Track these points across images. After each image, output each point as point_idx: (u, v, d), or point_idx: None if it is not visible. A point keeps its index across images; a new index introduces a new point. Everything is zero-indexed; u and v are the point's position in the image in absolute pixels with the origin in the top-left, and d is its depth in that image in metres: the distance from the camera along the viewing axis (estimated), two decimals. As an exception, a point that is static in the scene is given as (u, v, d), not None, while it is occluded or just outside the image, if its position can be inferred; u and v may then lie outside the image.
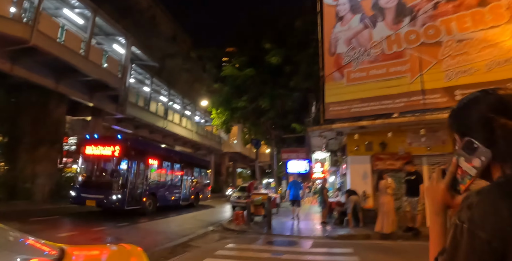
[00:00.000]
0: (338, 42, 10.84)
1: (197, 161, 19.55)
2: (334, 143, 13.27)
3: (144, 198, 12.50)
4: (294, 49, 15.22)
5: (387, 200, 8.30)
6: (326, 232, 8.91)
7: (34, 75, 14.18)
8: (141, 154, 12.55)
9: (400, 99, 9.44)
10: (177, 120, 29.71)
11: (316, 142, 13.37)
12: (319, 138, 12.01)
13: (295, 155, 17.26)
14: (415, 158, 9.75)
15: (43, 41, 12.34)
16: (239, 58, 16.10)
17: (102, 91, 17.40)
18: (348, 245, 7.32)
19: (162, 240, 7.90)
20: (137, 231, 9.34)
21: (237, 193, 17.25)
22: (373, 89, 9.84)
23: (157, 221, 11.66)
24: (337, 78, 10.59)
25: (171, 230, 9.68)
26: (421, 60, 9.37)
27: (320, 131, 10.50)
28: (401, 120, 9.08)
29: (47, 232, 7.83)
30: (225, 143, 43.00)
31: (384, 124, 9.33)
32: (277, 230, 9.40)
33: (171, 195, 15.16)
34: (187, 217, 13.07)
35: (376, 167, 10.38)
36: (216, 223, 11.34)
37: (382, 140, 10.34)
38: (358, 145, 10.59)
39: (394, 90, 9.55)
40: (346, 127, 9.83)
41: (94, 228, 9.15)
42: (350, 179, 10.81)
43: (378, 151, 10.46)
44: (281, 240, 8.17)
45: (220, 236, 8.63)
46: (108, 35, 18.29)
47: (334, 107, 10.39)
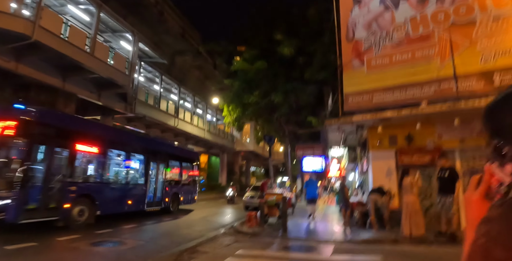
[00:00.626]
0: (357, 27, 9.91)
1: (176, 152, 15.00)
2: (353, 138, 12.35)
3: (67, 204, 8.36)
4: (307, 40, 14.33)
5: (412, 200, 7.36)
6: (348, 236, 8.03)
7: (40, 73, 13.80)
8: (60, 135, 8.44)
9: (429, 87, 8.45)
10: (188, 119, 29.22)
11: (333, 137, 12.46)
12: (337, 132, 11.12)
13: (310, 151, 16.35)
14: (446, 152, 8.75)
15: (46, 37, 11.88)
16: (250, 51, 15.29)
17: (110, 89, 16.94)
18: (374, 252, 6.45)
19: (168, 244, 7.23)
20: (142, 233, 8.71)
21: (250, 192, 16.52)
22: (397, 76, 8.88)
23: (165, 222, 11.05)
24: (356, 66, 9.67)
25: (179, 233, 9.01)
26: (452, 42, 8.35)
27: (339, 125, 9.61)
28: (430, 110, 8.09)
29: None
30: (237, 141, 42.38)
31: (411, 115, 8.36)
32: (293, 233, 8.59)
33: (126, 198, 10.87)
34: (197, 219, 12.41)
35: (402, 163, 9.43)
36: (228, 225, 10.63)
37: (408, 132, 9.38)
38: (380, 139, 9.66)
39: (421, 77, 8.56)
40: (368, 119, 8.90)
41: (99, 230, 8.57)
42: (372, 177, 9.87)
43: (404, 145, 9.50)
44: (298, 245, 7.36)
45: (231, 240, 7.89)
46: (115, 32, 17.82)
47: (353, 98, 9.48)
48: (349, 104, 9.51)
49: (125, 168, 11.40)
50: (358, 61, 9.64)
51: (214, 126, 36.43)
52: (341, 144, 14.24)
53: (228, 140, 39.81)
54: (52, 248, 6.65)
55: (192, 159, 16.18)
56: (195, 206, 16.31)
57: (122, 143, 11.28)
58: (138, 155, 11.89)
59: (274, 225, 10.01)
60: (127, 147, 11.35)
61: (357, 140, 12.52)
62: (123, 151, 11.20)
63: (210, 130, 34.26)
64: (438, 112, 8.20)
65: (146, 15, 21.82)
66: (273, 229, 9.18)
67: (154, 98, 24.21)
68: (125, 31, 17.49)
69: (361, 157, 12.03)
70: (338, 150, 17.70)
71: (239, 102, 16.49)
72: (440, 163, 7.52)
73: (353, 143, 13.51)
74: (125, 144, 11.35)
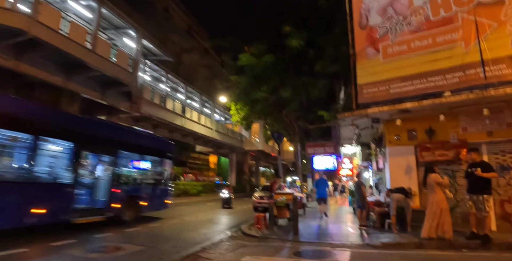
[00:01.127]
0: (370, 13, 9.18)
1: (134, 140, 10.64)
2: (367, 134, 11.58)
3: None
4: (317, 31, 13.60)
5: (438, 199, 6.59)
6: (366, 239, 7.30)
7: (42, 72, 13.45)
8: None
9: (453, 74, 7.66)
10: (196, 118, 28.78)
11: (346, 133, 11.72)
12: (350, 127, 10.37)
13: (321, 149, 15.60)
14: (472, 146, 7.95)
15: (44, 33, 11.50)
16: (258, 46, 14.62)
17: (113, 87, 16.54)
18: (397, 258, 5.73)
19: (169, 249, 6.65)
20: (144, 237, 8.13)
21: (260, 193, 15.88)
22: (416, 64, 8.12)
23: (170, 224, 10.49)
24: (371, 54, 8.92)
25: (183, 236, 8.42)
26: (478, 25, 7.54)
27: (353, 118, 8.88)
28: (456, 99, 7.31)
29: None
30: (246, 141, 41.81)
31: (434, 105, 7.60)
32: (305, 236, 7.90)
33: (27, 204, 7.23)
34: (203, 220, 11.82)
35: (422, 159, 8.66)
36: (235, 227, 10.01)
37: (428, 126, 8.60)
38: (398, 133, 8.91)
39: (444, 64, 7.78)
40: (385, 111, 8.15)
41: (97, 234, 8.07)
42: (390, 175, 9.13)
43: (424, 139, 8.72)
44: (311, 250, 6.67)
45: (237, 245, 7.26)
46: (118, 29, 17.43)
47: (368, 89, 8.74)
48: (363, 95, 8.77)
49: (29, 158, 7.37)
50: (372, 49, 8.90)
51: (222, 126, 35.95)
52: (354, 141, 13.47)
53: (237, 140, 39.29)
54: (42, 254, 6.13)
55: (162, 150, 11.89)
56: (174, 212, 14.05)
57: (22, 120, 7.14)
58: (59, 140, 8.14)
59: (285, 227, 9.35)
60: (35, 127, 7.36)
61: (371, 136, 11.75)
62: (26, 133, 7.24)
63: (218, 129, 33.78)
64: (464, 101, 7.43)
65: (151, 12, 21.43)
66: (283, 231, 8.52)
67: (160, 97, 23.80)
68: (128, 27, 17.08)
69: (376, 154, 11.26)
70: (350, 148, 16.92)
71: (247, 99, 15.83)
72: (471, 158, 6.73)
73: (367, 139, 12.73)
74: (31, 123, 7.29)
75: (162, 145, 12.43)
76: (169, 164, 12.26)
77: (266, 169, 61.30)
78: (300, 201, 11.45)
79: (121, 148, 9.88)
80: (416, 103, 7.63)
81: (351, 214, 13.21)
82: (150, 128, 25.83)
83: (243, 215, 14.01)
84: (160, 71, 24.68)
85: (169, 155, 12.25)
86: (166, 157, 12.08)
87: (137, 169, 10.92)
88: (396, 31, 8.57)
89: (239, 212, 15.60)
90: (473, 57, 7.48)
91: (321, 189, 11.89)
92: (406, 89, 8.13)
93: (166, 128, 26.94)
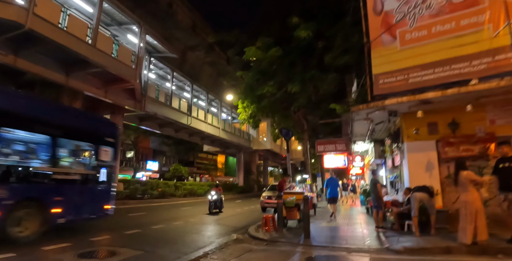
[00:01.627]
0: (386, -3, 8.46)
1: (38, 113, 6.96)
2: (381, 129, 10.86)
3: None
4: (326, 23, 12.91)
5: (472, 198, 5.84)
6: (385, 243, 6.60)
7: (41, 68, 13.06)
8: None
9: (480, 60, 6.92)
10: (202, 117, 28.28)
11: (359, 128, 11.00)
12: (364, 122, 9.66)
13: (332, 146, 14.88)
14: (501, 139, 7.20)
15: (41, 26, 11.06)
16: (264, 39, 13.98)
17: (116, 84, 16.09)
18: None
19: (169, 255, 6.09)
20: (143, 240, 7.56)
21: (268, 192, 15.27)
22: (438, 50, 7.39)
23: (173, 226, 9.94)
24: (387, 42, 8.21)
25: (186, 239, 7.86)
26: (507, 5, 6.80)
27: (368, 111, 8.18)
28: (485, 87, 6.56)
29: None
30: (254, 140, 41.23)
31: (459, 94, 6.86)
32: (317, 238, 7.25)
33: None
34: (208, 222, 11.25)
35: (445, 155, 7.93)
36: (242, 229, 9.41)
37: (452, 118, 7.87)
38: (418, 127, 8.18)
39: (469, 49, 7.04)
40: (404, 102, 7.44)
41: (95, 237, 7.53)
42: (408, 172, 8.41)
43: (447, 133, 7.99)
44: (325, 255, 6.01)
45: (243, 249, 6.64)
46: (121, 24, 17.00)
47: (385, 79, 8.03)
48: (379, 86, 8.07)
49: None
50: (389, 36, 8.19)
51: (229, 125, 35.44)
52: (367, 137, 12.74)
53: (244, 139, 38.74)
54: (30, 260, 5.61)
55: (96, 133, 8.45)
56: (178, 213, 13.46)
57: None
58: None
59: (294, 229, 8.72)
60: None
61: (386, 132, 11.01)
62: None
63: (225, 128, 33.27)
64: (493, 91, 6.68)
65: (155, 8, 20.96)
66: (294, 234, 7.87)
67: (165, 95, 23.35)
68: (131, 23, 16.62)
69: (392, 151, 10.53)
70: (362, 146, 16.16)
71: (253, 95, 15.19)
72: (502, 152, 5.99)
73: (381, 135, 12.00)
74: None
75: (97, 126, 8.83)
76: (109, 154, 8.65)
77: (274, 168, 60.64)
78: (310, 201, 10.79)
79: (11, 124, 6.43)
80: (439, 93, 6.91)
81: (364, 215, 12.49)
82: (156, 127, 25.45)
83: (250, 216, 13.42)
84: (166, 69, 24.24)
85: (110, 141, 8.69)
86: (104, 144, 8.45)
87: (48, 158, 7.31)
88: (415, 15, 7.85)
89: (247, 213, 15.01)
90: (503, 40, 6.74)
91: (332, 188, 11.51)
92: (427, 78, 7.40)
93: (172, 127, 26.53)
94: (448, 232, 7.03)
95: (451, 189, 7.82)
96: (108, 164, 8.73)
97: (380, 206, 8.05)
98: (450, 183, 7.85)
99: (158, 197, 20.73)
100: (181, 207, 17.16)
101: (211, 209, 13.33)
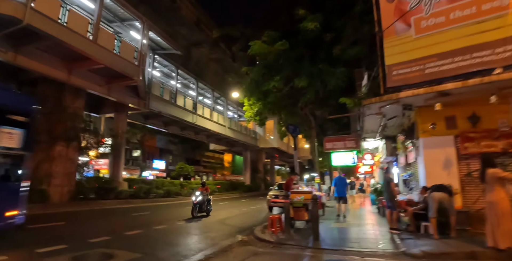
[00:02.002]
0: (399, -18, 7.90)
1: None
2: (394, 125, 10.31)
3: None
4: (335, 13, 12.36)
5: (497, 199, 5.29)
6: (401, 246, 6.10)
7: (42, 65, 12.80)
8: None
9: (504, 47, 6.34)
10: (208, 115, 27.92)
11: (370, 124, 10.47)
12: (375, 118, 9.14)
13: (341, 144, 14.32)
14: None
15: (40, 21, 10.76)
16: (270, 33, 13.46)
17: (119, 81, 15.78)
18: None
19: (169, 258, 5.72)
20: (144, 242, 7.18)
21: (275, 191, 14.82)
22: (458, 38, 6.82)
23: (176, 226, 9.55)
24: (401, 30, 7.67)
25: (188, 241, 7.48)
26: (534, -14, 6.21)
27: (380, 105, 7.65)
28: (511, 76, 6.00)
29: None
30: (261, 138, 40.77)
31: (482, 85, 6.30)
32: (327, 241, 6.78)
33: None
34: (213, 222, 10.83)
35: (465, 151, 7.38)
36: (248, 229, 8.98)
37: (472, 111, 7.31)
38: (434, 121, 7.63)
39: (492, 35, 6.47)
40: (420, 95, 6.90)
41: (94, 238, 7.17)
42: (424, 170, 7.87)
43: (467, 128, 7.44)
44: (336, 260, 5.55)
45: (248, 252, 6.21)
46: (123, 21, 16.68)
47: (399, 70, 7.48)
48: (392, 78, 7.53)
49: None
50: (402, 24, 7.64)
51: (235, 123, 35.03)
52: (378, 134, 12.19)
53: (251, 137, 38.31)
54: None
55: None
56: (183, 213, 12.23)
57: None
58: None
59: (302, 230, 8.25)
60: None
61: (399, 127, 10.45)
62: None
63: (231, 126, 32.89)
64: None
65: (158, 3, 20.58)
66: (302, 236, 7.41)
67: (170, 93, 23.02)
68: (133, 18, 16.28)
69: (406, 147, 9.97)
70: (372, 143, 15.59)
71: (258, 91, 14.70)
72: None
73: (393, 131, 11.43)
74: None
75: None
76: (17, 139, 6.36)
77: (281, 167, 60.12)
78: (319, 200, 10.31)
79: None
80: (459, 83, 6.36)
81: (375, 215, 11.95)
82: (162, 125, 25.17)
83: (257, 216, 12.99)
84: (170, 66, 23.93)
85: (19, 121, 6.42)
86: (8, 123, 6.22)
87: None
88: (430, 1, 7.29)
89: (253, 212, 14.59)
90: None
91: (340, 187, 11.18)
92: (446, 68, 6.84)
93: (178, 125, 26.22)
94: (470, 235, 6.51)
95: (471, 188, 7.29)
96: (15, 153, 6.46)
97: (394, 206, 7.53)
98: (470, 181, 7.33)
99: (164, 196, 20.46)
100: (186, 206, 16.78)
101: (194, 212, 11.24)
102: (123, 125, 18.95)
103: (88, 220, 10.92)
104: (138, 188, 18.45)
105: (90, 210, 13.64)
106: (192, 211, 11.29)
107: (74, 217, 11.40)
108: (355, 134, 14.85)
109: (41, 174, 13.33)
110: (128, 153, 37.03)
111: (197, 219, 11.13)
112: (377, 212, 12.29)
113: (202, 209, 11.62)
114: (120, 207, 15.41)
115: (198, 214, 11.49)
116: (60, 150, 14.28)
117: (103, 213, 12.78)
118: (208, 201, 12.16)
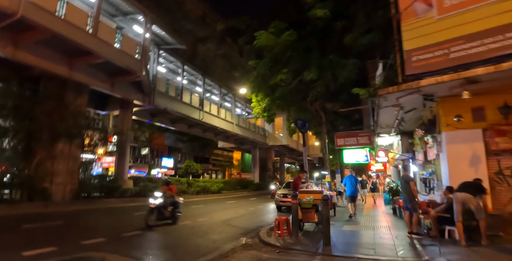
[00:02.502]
0: (418, -42, 7.10)
1: None
2: (411, 118, 9.50)
3: None
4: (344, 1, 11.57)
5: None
6: (423, 254, 5.36)
7: (42, 60, 12.43)
8: None
9: (544, 26, 5.51)
10: (215, 111, 27.38)
11: (385, 118, 9.69)
12: (391, 110, 8.38)
13: (353, 140, 13.50)
14: None
15: (36, 13, 10.34)
16: (277, 24, 12.75)
17: (121, 76, 15.34)
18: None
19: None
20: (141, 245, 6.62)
21: (283, 190, 14.16)
22: (487, 17, 6.01)
23: (179, 226, 8.97)
24: (421, 11, 6.87)
25: (189, 244, 6.88)
26: None
27: (399, 95, 6.88)
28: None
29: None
30: (270, 136, 40.08)
31: (517, 69, 5.49)
32: (338, 246, 6.09)
33: None
34: (217, 222, 10.24)
35: (495, 146, 6.58)
36: (254, 231, 8.36)
37: (503, 101, 6.48)
38: (459, 113, 6.83)
39: (529, 13, 5.64)
40: (445, 82, 6.11)
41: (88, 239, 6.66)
42: (448, 167, 7.08)
43: (497, 120, 6.62)
44: (350, 270, 4.87)
45: (251, 257, 5.60)
46: (126, 14, 16.21)
47: (419, 55, 6.70)
48: (412, 64, 6.75)
49: None
50: (422, 4, 6.85)
51: (244, 120, 34.44)
52: (393, 129, 11.37)
53: (260, 135, 37.66)
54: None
55: None
56: (187, 212, 10.72)
57: None
58: None
59: (312, 233, 7.58)
60: None
61: (417, 121, 9.63)
62: None
63: (239, 123, 32.30)
64: None
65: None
66: (311, 240, 6.74)
67: (176, 89, 22.54)
68: (135, 12, 15.79)
69: (425, 143, 9.15)
70: (387, 139, 14.72)
71: (266, 86, 14.01)
72: None
73: (410, 126, 10.60)
74: None
75: None
76: None
77: (291, 165, 59.32)
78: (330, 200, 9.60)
79: None
80: (492, 68, 5.56)
81: (390, 216, 11.16)
82: (169, 123, 24.75)
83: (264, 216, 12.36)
84: (176, 62, 23.45)
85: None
86: None
87: None
88: (455, -24, 6.48)
89: (260, 212, 13.96)
90: None
91: (351, 186, 10.79)
92: (474, 51, 6.03)
93: (185, 123, 25.79)
94: (503, 241, 5.71)
95: (503, 188, 6.48)
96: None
97: (414, 208, 6.75)
98: (502, 180, 6.52)
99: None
100: (191, 205, 16.29)
101: (150, 220, 8.41)
102: (128, 122, 18.56)
103: (87, 220, 10.53)
104: (144, 187, 18.04)
105: (92, 209, 13.27)
106: (147, 218, 8.41)
107: (73, 216, 11.02)
108: (368, 130, 14.03)
109: (43, 172, 13.02)
110: (137, 151, 36.87)
111: (203, 218, 10.57)
112: (393, 213, 11.50)
113: (163, 215, 8.80)
114: (124, 206, 15.01)
115: (159, 222, 8.70)
116: (62, 147, 13.93)
117: (104, 212, 12.39)
118: (175, 204, 9.25)
